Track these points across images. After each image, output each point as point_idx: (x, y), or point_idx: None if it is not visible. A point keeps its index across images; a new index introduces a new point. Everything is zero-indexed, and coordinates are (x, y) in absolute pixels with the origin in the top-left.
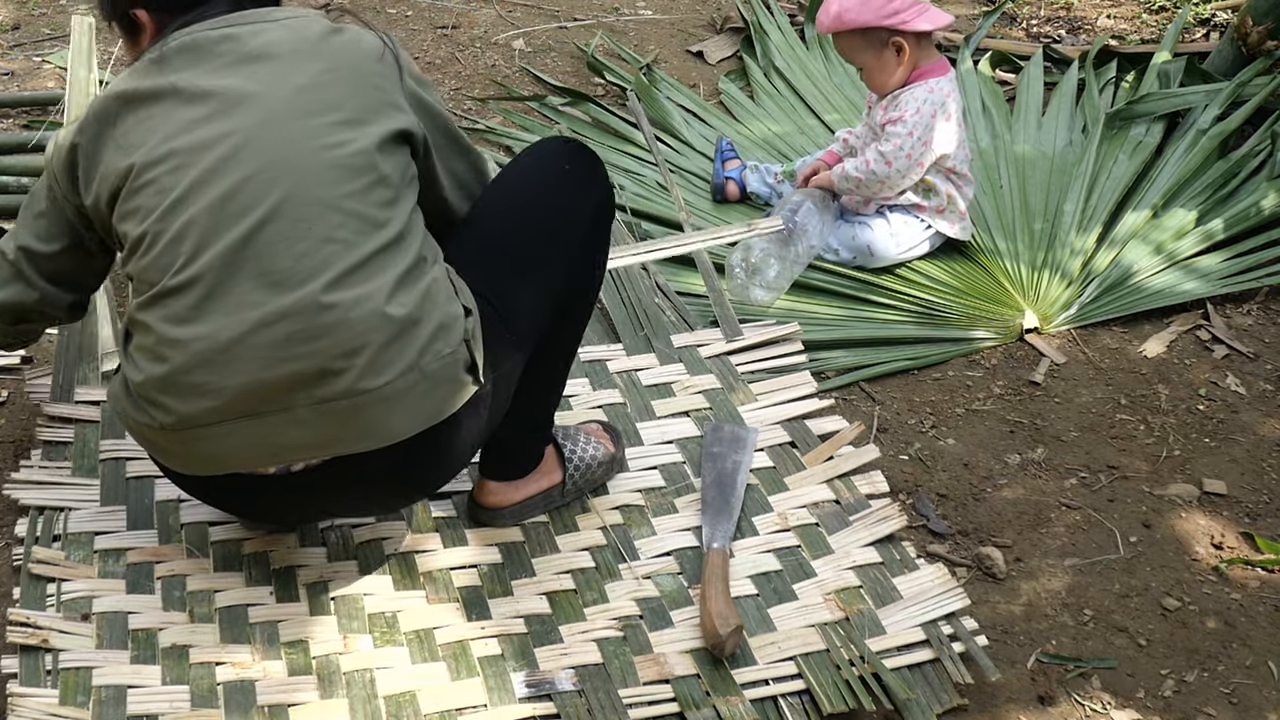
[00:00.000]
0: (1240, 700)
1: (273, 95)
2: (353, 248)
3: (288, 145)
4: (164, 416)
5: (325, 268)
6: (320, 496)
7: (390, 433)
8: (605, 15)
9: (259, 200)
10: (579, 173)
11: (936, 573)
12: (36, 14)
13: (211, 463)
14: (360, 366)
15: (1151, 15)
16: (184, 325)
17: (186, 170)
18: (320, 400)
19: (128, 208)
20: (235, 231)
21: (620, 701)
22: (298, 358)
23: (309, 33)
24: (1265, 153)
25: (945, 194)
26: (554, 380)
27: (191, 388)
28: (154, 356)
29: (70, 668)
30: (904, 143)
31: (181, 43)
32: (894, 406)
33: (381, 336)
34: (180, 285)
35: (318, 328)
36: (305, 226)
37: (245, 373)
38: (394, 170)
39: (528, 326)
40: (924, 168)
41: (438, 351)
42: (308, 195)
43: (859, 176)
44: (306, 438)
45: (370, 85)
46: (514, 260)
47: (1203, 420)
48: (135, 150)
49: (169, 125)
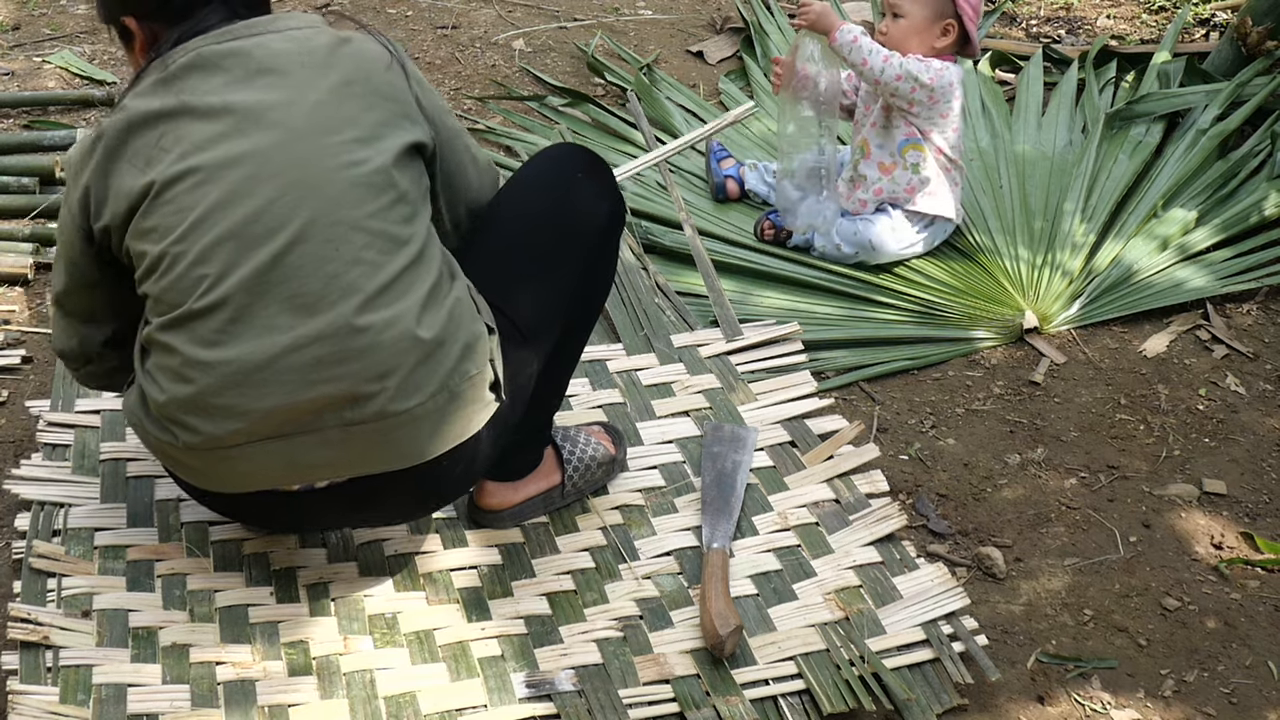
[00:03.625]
0: (1240, 700)
1: (290, 112)
2: (380, 268)
3: (310, 166)
4: (189, 436)
5: (355, 290)
6: (340, 510)
7: (419, 453)
8: (605, 15)
9: (286, 222)
10: (591, 181)
11: (936, 572)
12: (36, 14)
13: (235, 481)
14: (391, 389)
15: (1151, 15)
16: (211, 348)
17: (207, 188)
18: (350, 422)
19: (145, 226)
20: (263, 253)
21: (620, 701)
22: (328, 380)
23: (316, 44)
24: (1265, 153)
25: (934, 175)
26: (557, 385)
27: (219, 410)
28: (178, 378)
29: (70, 665)
30: (917, 68)
31: (188, 60)
32: (894, 406)
33: (412, 359)
34: (207, 308)
35: (349, 351)
36: (333, 248)
37: (274, 396)
38: (410, 185)
39: (542, 337)
40: (915, 89)
41: (465, 372)
42: (333, 216)
43: (865, 54)
44: (334, 458)
45: (383, 98)
46: (528, 272)
47: (1203, 420)
48: (152, 167)
49: (185, 142)
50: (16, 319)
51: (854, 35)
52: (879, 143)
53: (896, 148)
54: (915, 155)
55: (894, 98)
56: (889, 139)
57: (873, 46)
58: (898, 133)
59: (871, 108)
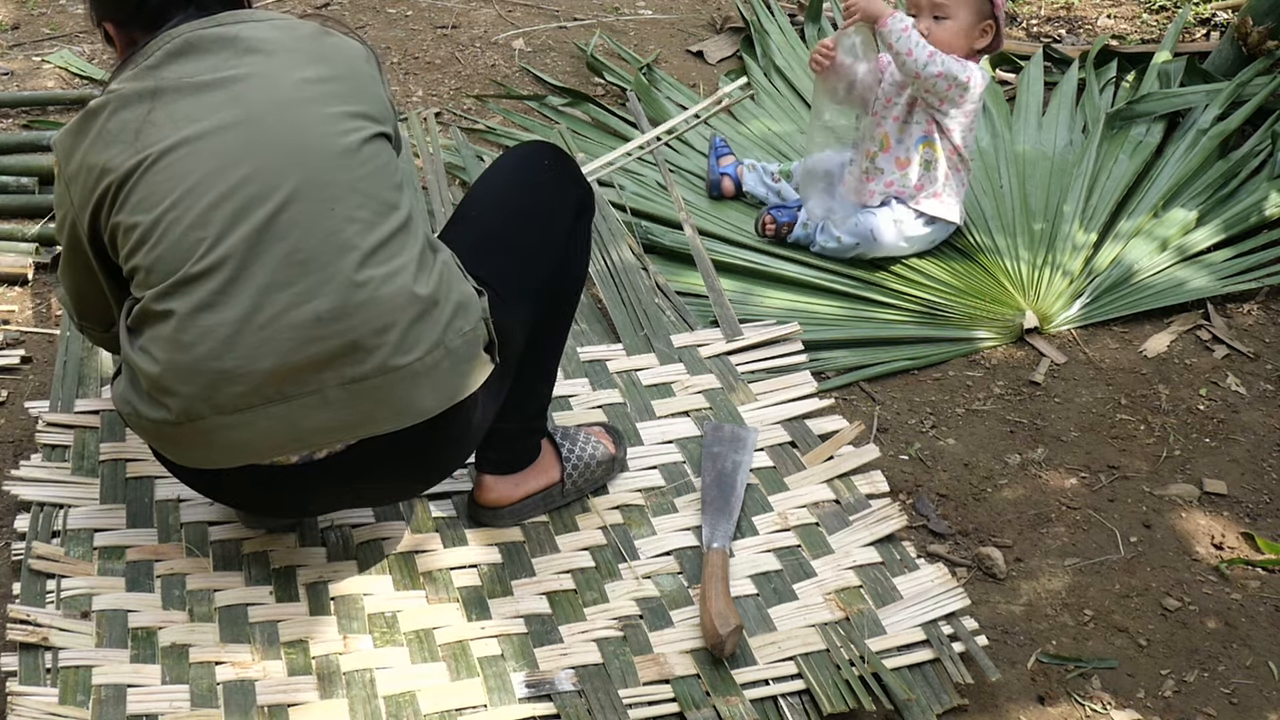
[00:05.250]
0: (1240, 700)
1: (278, 83)
2: (373, 227)
3: (300, 131)
4: (185, 405)
5: (351, 246)
6: (336, 488)
7: (419, 410)
8: (605, 15)
9: (280, 182)
10: (559, 171)
11: (936, 573)
12: (36, 14)
13: (233, 453)
14: (391, 344)
15: (1151, 15)
16: (209, 311)
17: (200, 156)
18: (350, 380)
19: (136, 198)
20: (259, 213)
21: (620, 701)
22: (328, 336)
23: (300, 32)
24: (1265, 153)
25: (944, 174)
26: (545, 370)
27: (220, 373)
28: (175, 345)
29: (70, 666)
30: (955, 68)
31: (174, 45)
32: (894, 406)
33: (410, 314)
34: (203, 271)
35: (349, 306)
36: (328, 206)
37: (274, 354)
38: (390, 159)
39: (525, 310)
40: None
41: (459, 329)
42: (327, 177)
43: (912, 44)
44: (335, 419)
45: (364, 88)
46: (506, 248)
47: (1203, 420)
48: (141, 141)
49: (176, 116)
50: (16, 319)
51: (905, 24)
52: (898, 137)
53: (913, 144)
54: (929, 153)
55: (928, 94)
56: (907, 134)
57: (919, 39)
58: (916, 129)
59: (894, 101)
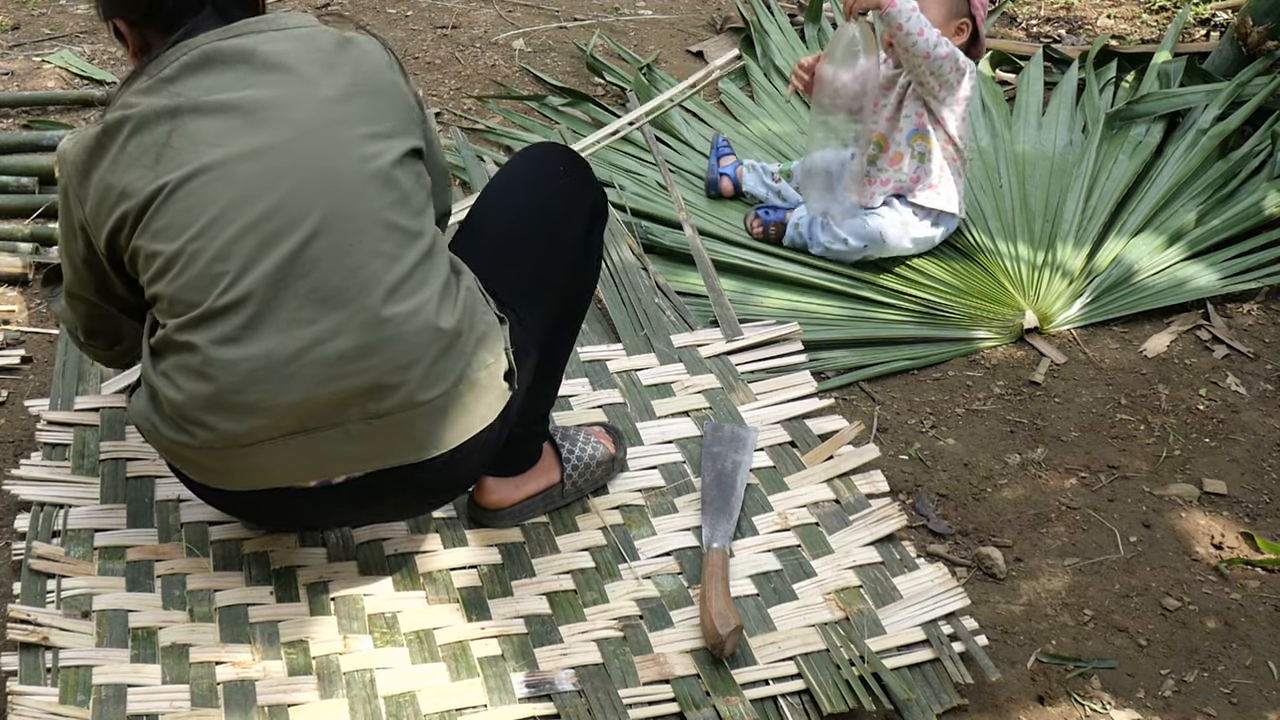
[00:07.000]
0: (1240, 700)
1: (301, 107)
2: (397, 260)
3: (324, 159)
4: (208, 435)
5: (376, 282)
6: (351, 507)
7: (441, 443)
8: (605, 15)
9: (304, 215)
10: (573, 176)
11: (936, 573)
12: (36, 14)
13: (254, 478)
14: (415, 380)
15: (1151, 15)
16: (234, 345)
17: (222, 184)
18: (373, 415)
19: (158, 225)
20: (283, 248)
21: (620, 701)
22: (352, 374)
23: (320, 44)
24: (1265, 153)
25: (939, 165)
26: (552, 376)
27: (242, 407)
28: (199, 376)
29: (70, 666)
30: (955, 50)
31: (190, 58)
32: (894, 406)
33: (434, 350)
34: (228, 305)
35: (374, 343)
36: (352, 241)
37: (298, 391)
38: (416, 182)
39: (539, 326)
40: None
41: (483, 361)
42: (351, 208)
43: (922, 24)
44: (357, 452)
45: (389, 100)
46: (521, 262)
47: (1203, 420)
48: (163, 166)
49: (197, 140)
50: (16, 319)
51: (913, 4)
52: (891, 135)
53: (905, 138)
54: (922, 145)
55: (932, 76)
56: (898, 130)
57: (926, 20)
58: (906, 123)
59: (883, 102)
